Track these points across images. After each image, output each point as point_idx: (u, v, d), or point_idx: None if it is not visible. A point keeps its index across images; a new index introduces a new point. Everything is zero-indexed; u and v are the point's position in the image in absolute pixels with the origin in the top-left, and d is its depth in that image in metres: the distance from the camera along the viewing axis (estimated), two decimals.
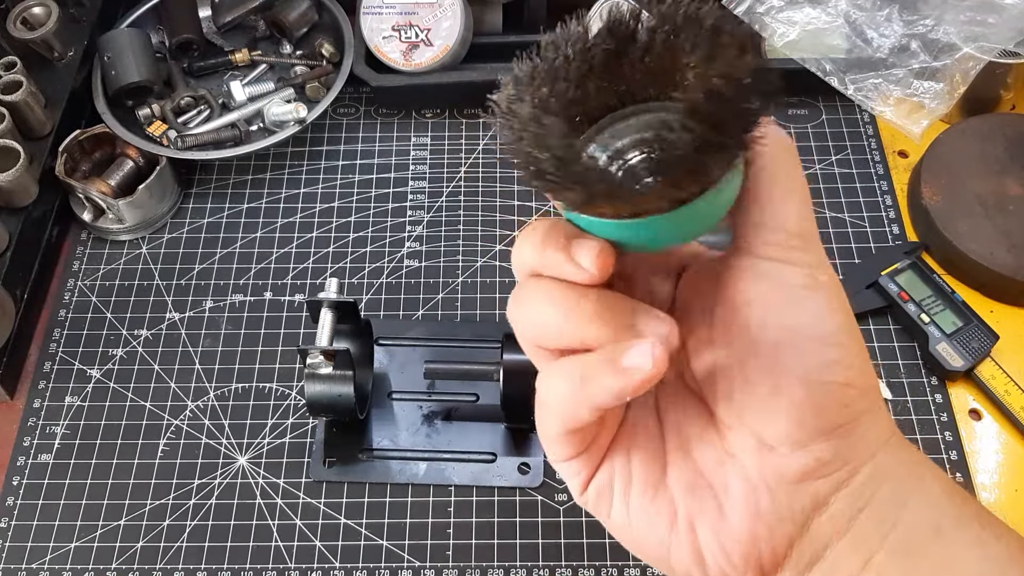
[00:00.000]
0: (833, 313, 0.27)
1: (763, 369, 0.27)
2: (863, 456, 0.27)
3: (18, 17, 0.64)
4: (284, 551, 0.51)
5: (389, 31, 0.67)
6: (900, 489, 0.28)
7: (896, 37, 0.64)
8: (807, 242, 0.27)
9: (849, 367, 0.27)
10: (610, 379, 0.25)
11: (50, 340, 0.59)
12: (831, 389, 0.26)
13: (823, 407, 0.26)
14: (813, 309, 0.26)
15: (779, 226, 0.27)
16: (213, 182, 0.67)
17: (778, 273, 0.27)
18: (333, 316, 0.50)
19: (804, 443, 0.26)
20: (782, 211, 0.27)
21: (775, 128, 0.27)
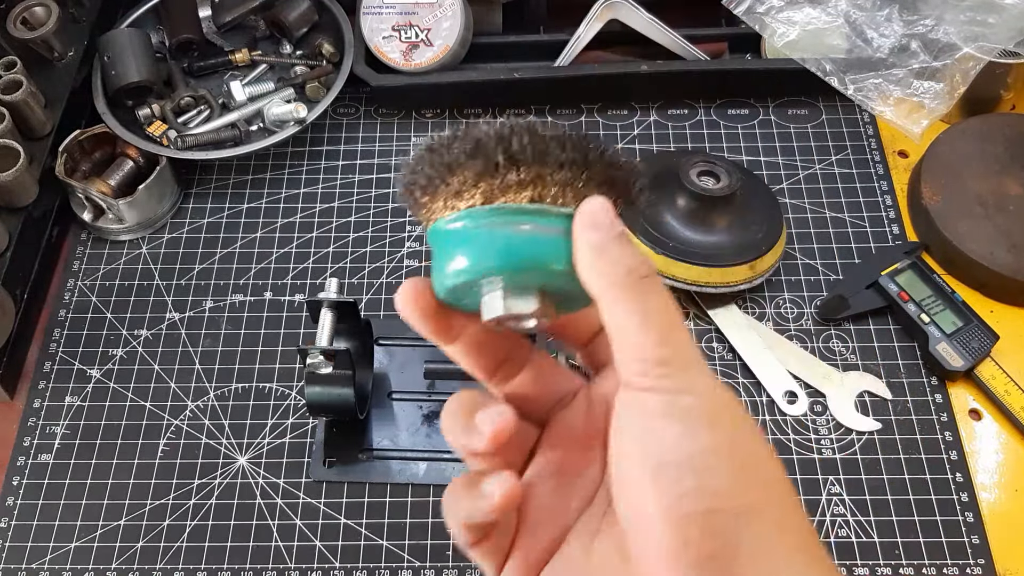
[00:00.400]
0: (693, 437, 0.25)
1: (629, 506, 0.26)
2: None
3: (18, 17, 0.64)
4: (284, 551, 0.51)
5: (389, 31, 0.67)
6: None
7: (896, 37, 0.64)
8: (669, 366, 0.26)
9: (714, 493, 0.25)
10: (468, 501, 0.28)
11: (50, 340, 0.59)
12: (693, 520, 0.25)
13: (689, 541, 0.25)
14: (670, 437, 0.25)
15: (636, 357, 0.26)
16: (213, 182, 0.67)
17: (639, 403, 0.26)
18: (333, 316, 0.50)
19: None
20: (637, 342, 0.26)
21: (607, 254, 0.26)
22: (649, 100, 0.71)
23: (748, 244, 0.59)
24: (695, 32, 0.70)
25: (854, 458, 0.54)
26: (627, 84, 0.69)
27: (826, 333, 0.59)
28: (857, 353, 0.58)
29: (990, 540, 0.51)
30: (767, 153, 0.67)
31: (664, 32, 0.69)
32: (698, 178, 0.59)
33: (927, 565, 0.50)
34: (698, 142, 0.68)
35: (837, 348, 0.58)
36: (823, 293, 0.60)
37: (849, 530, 0.52)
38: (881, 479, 0.53)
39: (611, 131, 0.69)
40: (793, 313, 0.60)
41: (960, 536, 0.51)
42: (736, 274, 0.58)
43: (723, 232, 0.59)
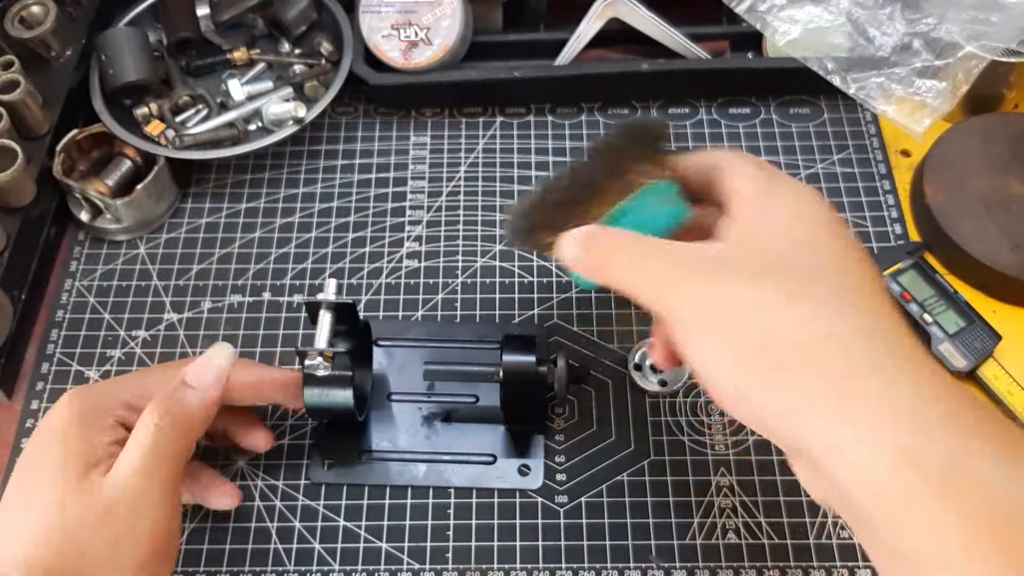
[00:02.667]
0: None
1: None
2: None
3: (16, 16, 0.64)
4: (283, 553, 0.51)
5: (388, 30, 0.67)
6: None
7: (898, 36, 0.64)
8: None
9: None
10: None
11: (47, 341, 0.59)
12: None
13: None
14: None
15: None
16: (211, 182, 0.66)
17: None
18: (332, 317, 0.50)
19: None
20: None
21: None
22: (650, 99, 0.70)
23: None
24: (696, 30, 0.70)
25: None
26: (628, 83, 0.69)
27: None
28: None
29: None
30: (768, 152, 0.67)
31: (665, 30, 0.69)
32: None
33: None
34: (699, 141, 0.68)
35: None
36: None
37: (850, 531, 0.51)
38: None
39: None
40: None
41: None
42: None
43: None
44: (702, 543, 0.51)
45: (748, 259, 0.35)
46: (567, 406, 0.56)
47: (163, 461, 0.42)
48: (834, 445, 0.31)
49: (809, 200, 0.37)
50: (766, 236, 0.36)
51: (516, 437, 0.54)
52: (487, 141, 0.68)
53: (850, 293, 0.34)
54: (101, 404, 0.44)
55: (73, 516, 0.40)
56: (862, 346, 0.33)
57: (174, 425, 0.43)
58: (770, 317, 0.34)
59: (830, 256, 0.35)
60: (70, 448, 0.42)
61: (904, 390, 0.32)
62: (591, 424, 0.55)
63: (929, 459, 0.30)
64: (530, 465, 0.54)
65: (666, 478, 0.53)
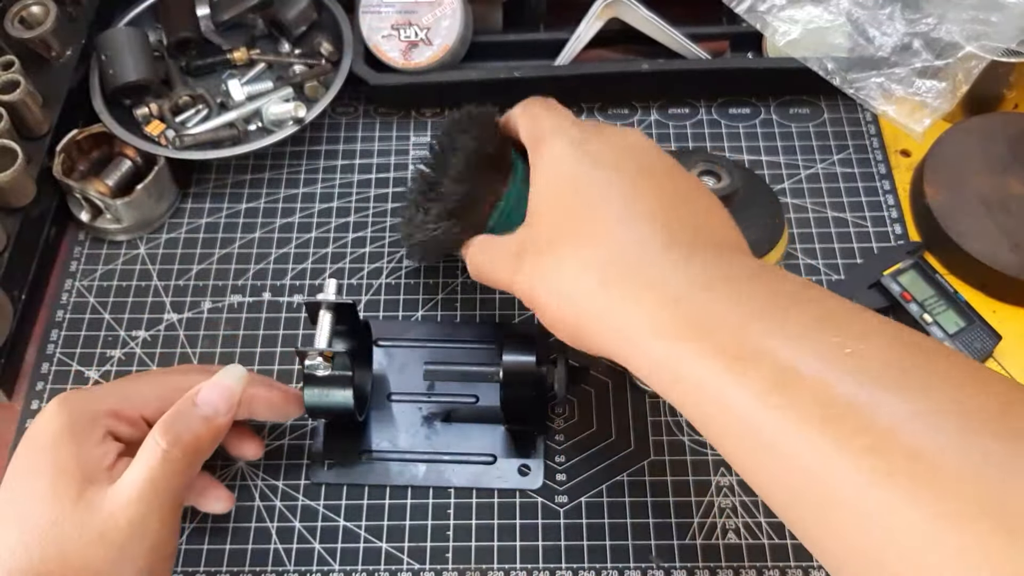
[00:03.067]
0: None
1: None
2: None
3: (16, 16, 0.64)
4: (283, 553, 0.51)
5: (388, 30, 0.67)
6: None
7: (898, 36, 0.64)
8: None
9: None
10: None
11: (47, 341, 0.59)
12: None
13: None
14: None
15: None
16: (211, 182, 0.66)
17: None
18: (332, 317, 0.50)
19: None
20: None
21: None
22: (650, 99, 0.70)
23: (753, 241, 0.58)
24: (696, 30, 0.70)
25: None
26: (628, 83, 0.69)
27: None
28: None
29: None
30: (768, 152, 0.67)
31: (665, 31, 0.69)
32: (699, 177, 0.59)
33: None
34: (699, 141, 0.68)
35: None
36: None
37: None
38: None
39: None
40: None
41: None
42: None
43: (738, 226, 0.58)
44: (702, 543, 0.51)
45: (540, 232, 0.43)
46: (567, 406, 0.56)
47: (168, 486, 0.41)
48: (619, 340, 0.38)
49: (568, 151, 0.43)
50: (545, 203, 0.43)
51: (516, 437, 0.55)
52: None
53: (616, 221, 0.40)
54: (91, 415, 0.43)
55: (70, 535, 0.39)
56: (629, 258, 0.39)
57: (184, 451, 0.42)
58: (566, 272, 0.40)
59: (593, 199, 0.41)
60: (63, 463, 0.41)
61: (667, 277, 0.38)
62: (591, 424, 0.55)
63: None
64: (530, 465, 0.54)
65: (666, 478, 0.53)
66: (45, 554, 0.39)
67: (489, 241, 0.47)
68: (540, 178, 0.44)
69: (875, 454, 0.29)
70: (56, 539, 0.39)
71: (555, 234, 0.42)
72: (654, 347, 0.36)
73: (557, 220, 0.42)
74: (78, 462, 0.41)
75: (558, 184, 0.43)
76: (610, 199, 0.41)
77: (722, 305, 0.35)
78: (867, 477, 0.29)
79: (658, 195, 0.41)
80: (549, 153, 0.44)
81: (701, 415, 0.35)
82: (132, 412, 0.45)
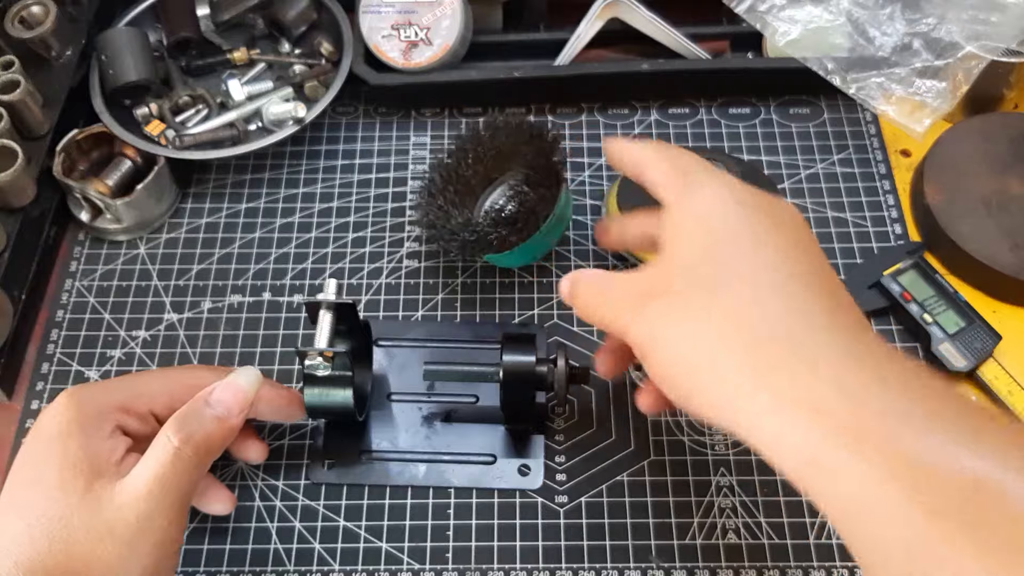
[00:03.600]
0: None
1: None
2: None
3: (16, 16, 0.64)
4: (283, 553, 0.51)
5: (388, 30, 0.67)
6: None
7: (898, 36, 0.64)
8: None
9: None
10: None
11: (47, 341, 0.59)
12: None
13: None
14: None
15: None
16: (211, 182, 0.66)
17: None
18: (332, 317, 0.50)
19: None
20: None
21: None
22: (650, 99, 0.70)
23: None
24: (696, 30, 0.70)
25: None
26: (628, 83, 0.69)
27: None
28: None
29: None
30: (768, 152, 0.67)
31: (665, 30, 0.69)
32: None
33: None
34: (699, 141, 0.68)
35: None
36: None
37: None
38: None
39: (612, 130, 0.69)
40: None
41: None
42: None
43: None
44: (702, 543, 0.51)
45: (674, 276, 0.38)
46: (567, 406, 0.56)
47: (178, 484, 0.42)
48: (750, 426, 0.34)
49: (713, 204, 0.39)
50: (686, 246, 0.39)
51: (516, 437, 0.55)
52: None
53: (768, 285, 0.36)
54: (100, 409, 0.44)
55: (77, 528, 0.40)
56: (784, 326, 0.35)
57: (195, 451, 0.42)
58: (691, 334, 0.37)
59: (732, 264, 0.37)
60: (72, 456, 0.41)
61: (830, 354, 0.34)
62: (591, 424, 0.55)
63: (830, 410, 0.32)
64: (530, 465, 0.54)
65: (666, 478, 0.53)
66: (52, 547, 0.39)
67: (608, 279, 0.41)
68: (687, 216, 0.40)
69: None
70: (63, 532, 0.39)
71: (695, 279, 0.38)
72: (802, 435, 0.32)
73: (699, 263, 0.38)
74: (87, 455, 0.41)
75: (709, 225, 0.39)
76: (766, 259, 0.37)
77: (897, 405, 0.32)
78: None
79: (812, 270, 0.38)
80: (702, 192, 0.40)
81: (842, 513, 0.31)
82: (141, 407, 0.45)
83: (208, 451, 0.43)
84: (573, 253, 0.62)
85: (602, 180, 0.66)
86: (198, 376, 0.47)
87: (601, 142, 0.66)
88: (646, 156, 0.43)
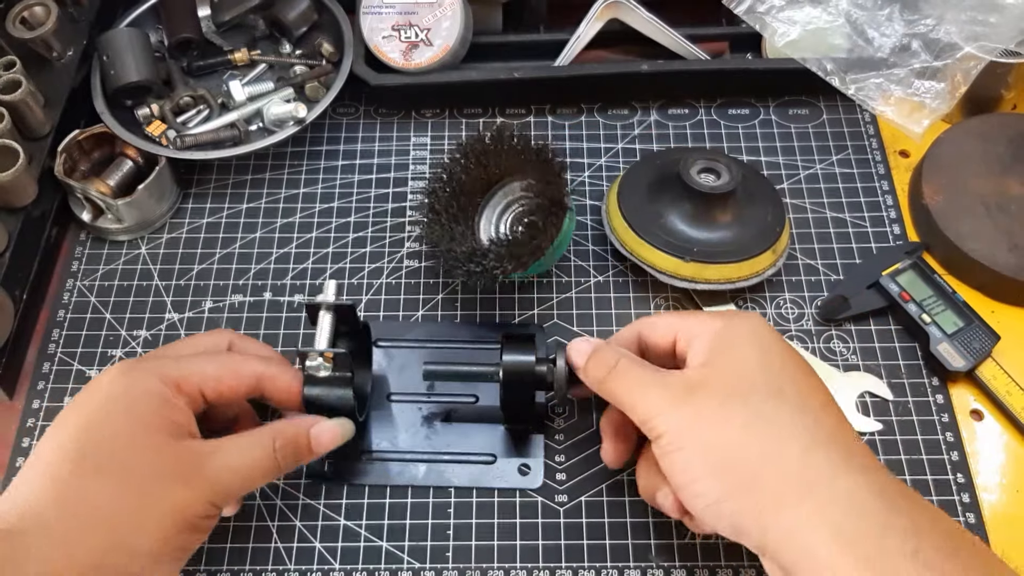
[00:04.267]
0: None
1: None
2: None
3: (17, 17, 0.64)
4: (284, 552, 0.51)
5: (389, 31, 0.67)
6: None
7: (897, 37, 0.64)
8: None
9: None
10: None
11: (49, 341, 0.59)
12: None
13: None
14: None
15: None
16: (212, 182, 0.67)
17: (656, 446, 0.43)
18: (332, 318, 0.50)
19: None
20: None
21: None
22: (649, 99, 0.70)
23: (754, 238, 0.59)
24: (696, 31, 0.70)
25: None
26: (627, 84, 0.69)
27: (827, 333, 0.59)
28: (858, 353, 0.58)
29: (991, 541, 0.51)
30: (768, 153, 0.67)
31: (664, 31, 0.69)
32: (699, 175, 0.59)
33: None
34: (699, 142, 0.68)
35: (838, 348, 0.58)
36: (824, 293, 0.60)
37: None
38: None
39: (611, 131, 0.69)
40: (794, 313, 0.60)
41: None
42: (762, 262, 0.58)
43: (737, 224, 0.59)
44: (701, 542, 0.51)
45: (717, 383, 0.42)
46: (567, 406, 0.56)
47: (254, 479, 0.45)
48: (786, 533, 0.37)
49: (761, 331, 0.44)
50: (728, 362, 0.42)
51: (516, 437, 0.55)
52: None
53: (801, 409, 0.40)
54: (162, 382, 0.44)
55: (178, 474, 0.42)
56: (811, 455, 0.39)
57: (282, 466, 0.46)
58: (738, 435, 0.40)
59: (783, 378, 0.42)
60: (153, 420, 0.43)
61: (841, 484, 0.38)
62: (591, 424, 0.56)
63: (855, 534, 0.36)
64: (530, 464, 0.54)
65: None
66: (170, 489, 0.41)
67: (644, 373, 0.44)
68: (738, 332, 0.44)
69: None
70: (171, 475, 0.42)
71: (751, 383, 0.41)
72: (831, 558, 0.36)
73: (756, 371, 0.42)
74: (169, 418, 0.43)
75: (761, 342, 0.43)
76: (810, 382, 0.43)
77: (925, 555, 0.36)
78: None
79: (831, 412, 0.42)
80: (747, 318, 0.45)
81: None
82: (193, 389, 0.46)
83: (285, 467, 0.46)
84: (573, 253, 0.63)
85: (602, 180, 0.66)
86: (250, 366, 0.48)
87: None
88: (684, 323, 0.46)
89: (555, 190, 0.55)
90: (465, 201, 0.60)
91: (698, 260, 0.57)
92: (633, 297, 0.61)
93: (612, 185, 0.63)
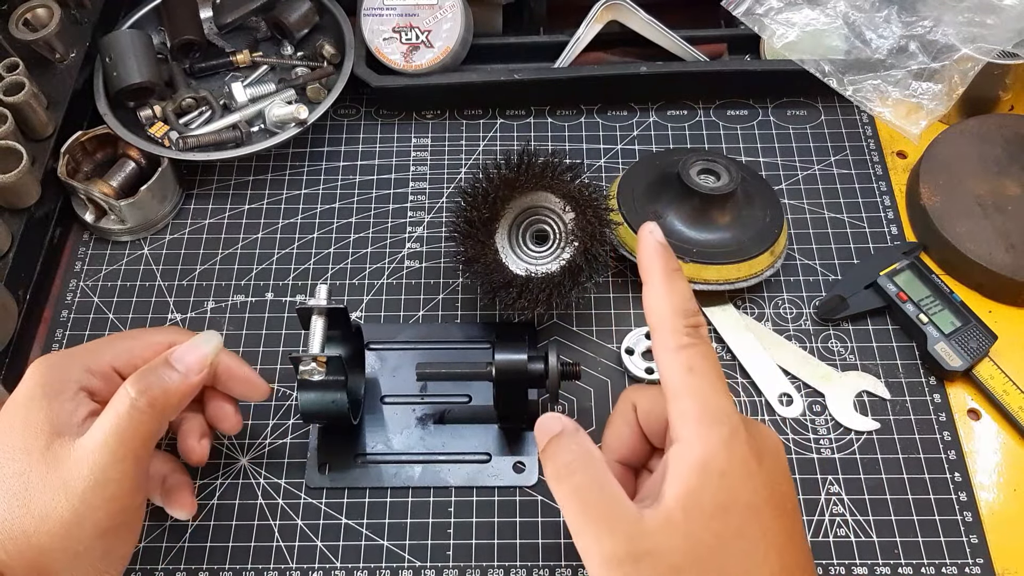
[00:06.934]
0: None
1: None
2: None
3: (20, 19, 0.65)
4: (285, 551, 0.52)
5: (390, 33, 0.67)
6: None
7: (895, 38, 0.64)
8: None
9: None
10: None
11: (52, 341, 0.60)
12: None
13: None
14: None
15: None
16: (214, 183, 0.67)
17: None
18: (324, 323, 0.50)
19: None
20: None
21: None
22: (648, 101, 0.71)
23: (753, 238, 0.59)
24: (694, 33, 0.71)
25: (853, 458, 0.54)
26: (626, 85, 0.69)
27: (825, 333, 0.59)
28: (856, 353, 0.58)
29: (988, 539, 0.51)
30: (766, 154, 0.68)
31: (663, 33, 0.70)
32: (698, 177, 0.59)
33: (926, 564, 0.50)
34: (697, 143, 0.68)
35: (836, 348, 0.58)
36: (822, 293, 0.61)
37: (848, 529, 0.52)
38: (880, 479, 0.53)
39: (610, 132, 0.69)
40: (792, 313, 0.60)
41: (959, 535, 0.51)
42: (761, 262, 0.58)
43: (736, 225, 0.59)
44: None
45: (672, 554, 0.35)
46: (564, 404, 0.57)
47: (133, 437, 0.42)
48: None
49: (756, 482, 0.37)
50: (698, 527, 0.35)
51: (510, 435, 0.55)
52: (487, 143, 0.69)
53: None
54: (64, 373, 0.45)
55: (35, 484, 0.41)
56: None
57: (151, 404, 0.43)
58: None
59: (756, 558, 0.36)
60: (33, 418, 0.42)
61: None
62: (589, 423, 0.56)
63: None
64: (525, 462, 0.54)
65: None
66: (9, 503, 0.41)
67: (600, 499, 0.37)
68: (727, 486, 0.36)
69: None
70: (21, 489, 0.41)
71: (694, 567, 0.35)
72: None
73: (707, 555, 0.35)
74: (48, 416, 0.43)
75: (739, 515, 0.36)
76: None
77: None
78: None
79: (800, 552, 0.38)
80: (746, 468, 0.37)
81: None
82: (104, 366, 0.46)
83: (165, 406, 0.44)
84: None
85: (602, 181, 0.66)
86: (165, 336, 0.48)
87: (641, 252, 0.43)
88: (685, 426, 0.37)
89: (595, 229, 0.55)
90: (494, 210, 0.57)
91: (697, 261, 0.57)
92: (633, 297, 0.61)
93: (611, 186, 0.63)
